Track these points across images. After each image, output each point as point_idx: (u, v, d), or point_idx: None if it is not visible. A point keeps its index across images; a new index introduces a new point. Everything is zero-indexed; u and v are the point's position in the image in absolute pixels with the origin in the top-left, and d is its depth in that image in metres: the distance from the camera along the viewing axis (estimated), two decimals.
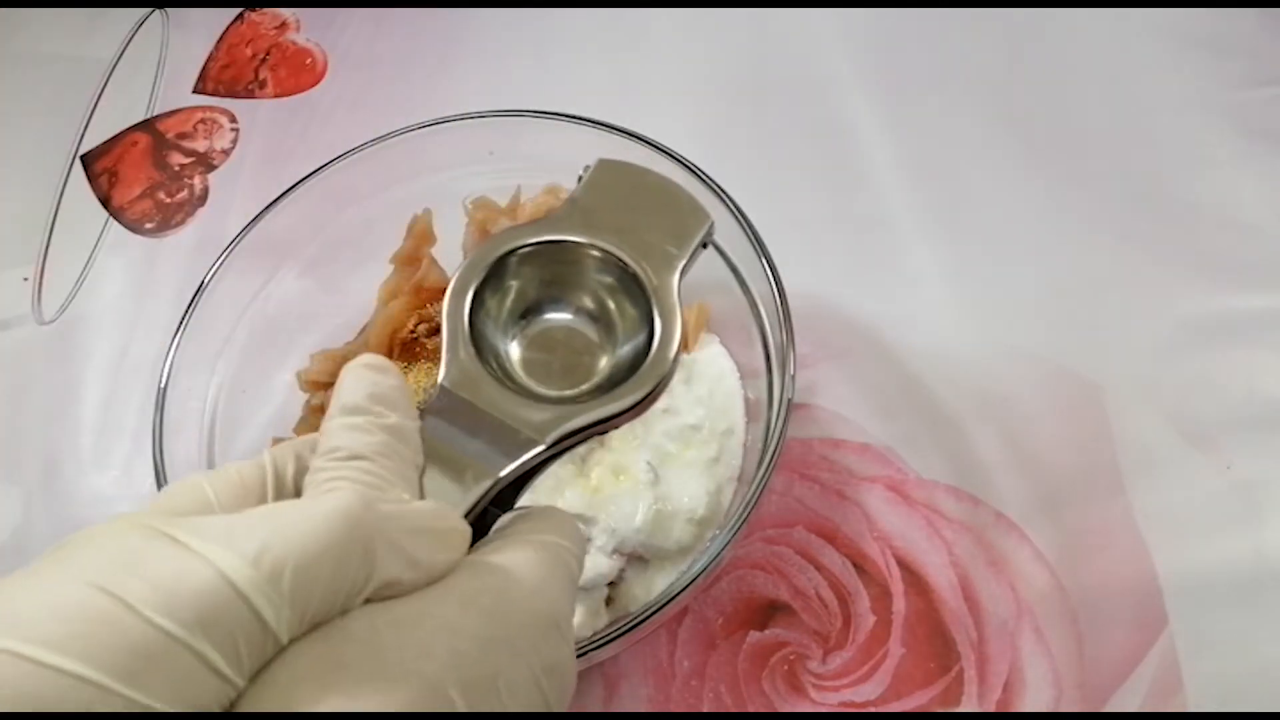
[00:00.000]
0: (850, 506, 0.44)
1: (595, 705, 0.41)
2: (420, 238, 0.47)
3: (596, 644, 0.34)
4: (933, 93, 0.57)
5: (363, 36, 0.66)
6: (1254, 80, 0.54)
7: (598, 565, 0.39)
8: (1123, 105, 0.55)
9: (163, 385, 0.40)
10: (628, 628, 0.34)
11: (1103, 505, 0.42)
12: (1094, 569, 0.41)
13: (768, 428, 0.38)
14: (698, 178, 0.40)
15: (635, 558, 0.41)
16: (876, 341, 0.48)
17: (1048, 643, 0.40)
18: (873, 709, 0.40)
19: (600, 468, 0.41)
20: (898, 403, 0.46)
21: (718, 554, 0.35)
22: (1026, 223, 0.51)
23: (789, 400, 0.37)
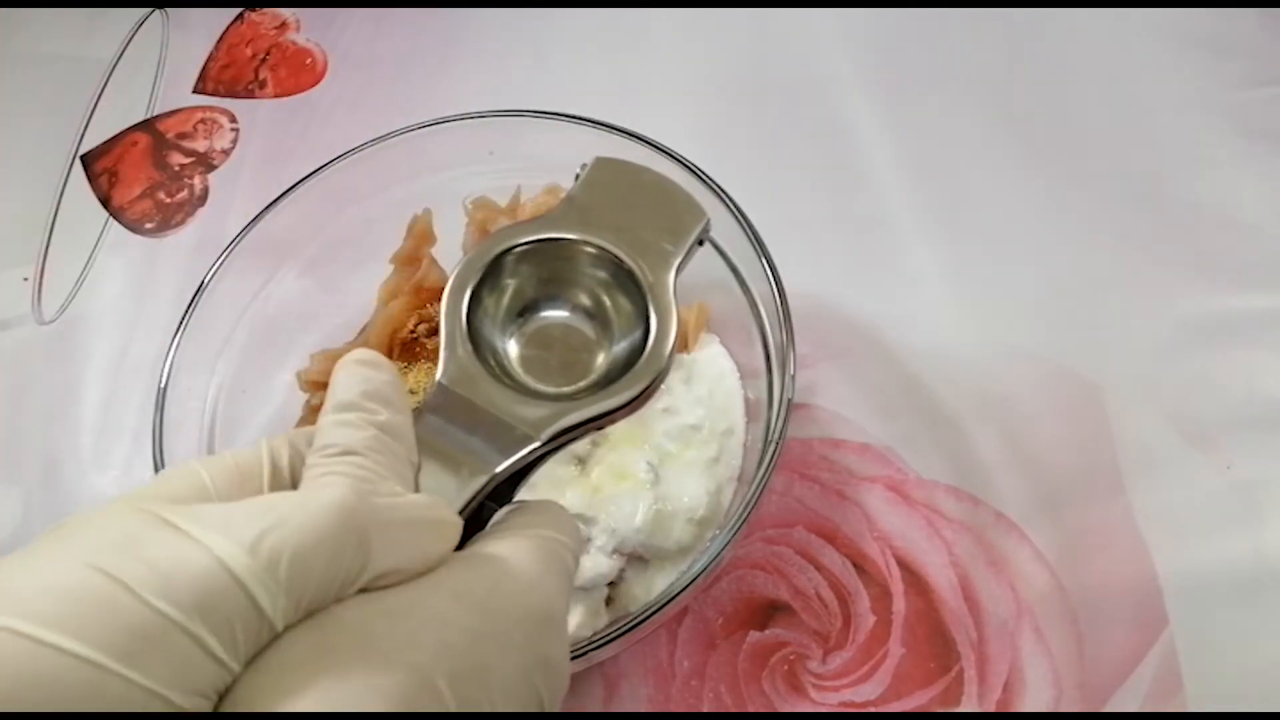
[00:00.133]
0: (850, 506, 0.44)
1: (595, 705, 0.41)
2: (420, 238, 0.47)
3: (596, 644, 0.34)
4: (933, 93, 0.57)
5: (363, 36, 0.66)
6: (1254, 80, 0.54)
7: (598, 565, 0.39)
8: (1123, 105, 0.55)
9: (163, 385, 0.40)
10: (628, 628, 0.34)
11: (1103, 505, 0.42)
12: (1094, 569, 0.41)
13: (768, 428, 0.38)
14: (697, 177, 0.40)
15: (635, 558, 0.41)
16: (876, 341, 0.48)
17: (1048, 643, 0.40)
18: (873, 709, 0.40)
19: (600, 468, 0.41)
20: (898, 403, 0.46)
21: (718, 554, 0.35)
22: (1026, 223, 0.51)
23: (789, 400, 0.37)
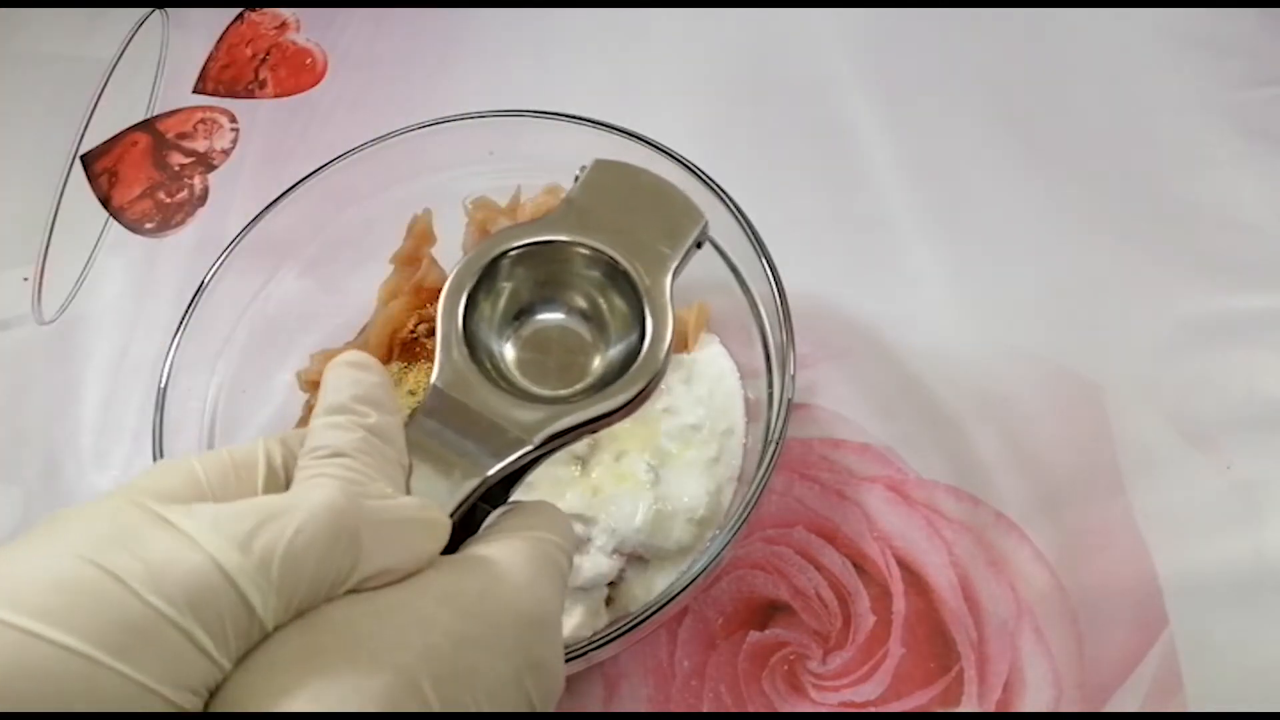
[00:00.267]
0: (850, 506, 0.44)
1: (595, 705, 0.41)
2: (420, 238, 0.47)
3: (596, 644, 0.34)
4: (933, 93, 0.57)
5: (363, 36, 0.66)
6: (1254, 80, 0.54)
7: (598, 565, 0.39)
8: (1123, 105, 0.55)
9: (163, 385, 0.40)
10: (628, 628, 0.34)
11: (1103, 505, 0.42)
12: (1094, 569, 0.41)
13: (768, 428, 0.38)
14: (698, 178, 0.40)
15: (635, 558, 0.41)
16: (876, 341, 0.48)
17: (1048, 643, 0.40)
18: (873, 709, 0.40)
19: (601, 468, 0.41)
20: (898, 403, 0.46)
21: (718, 554, 0.35)
22: (1026, 223, 0.51)
23: (789, 400, 0.37)
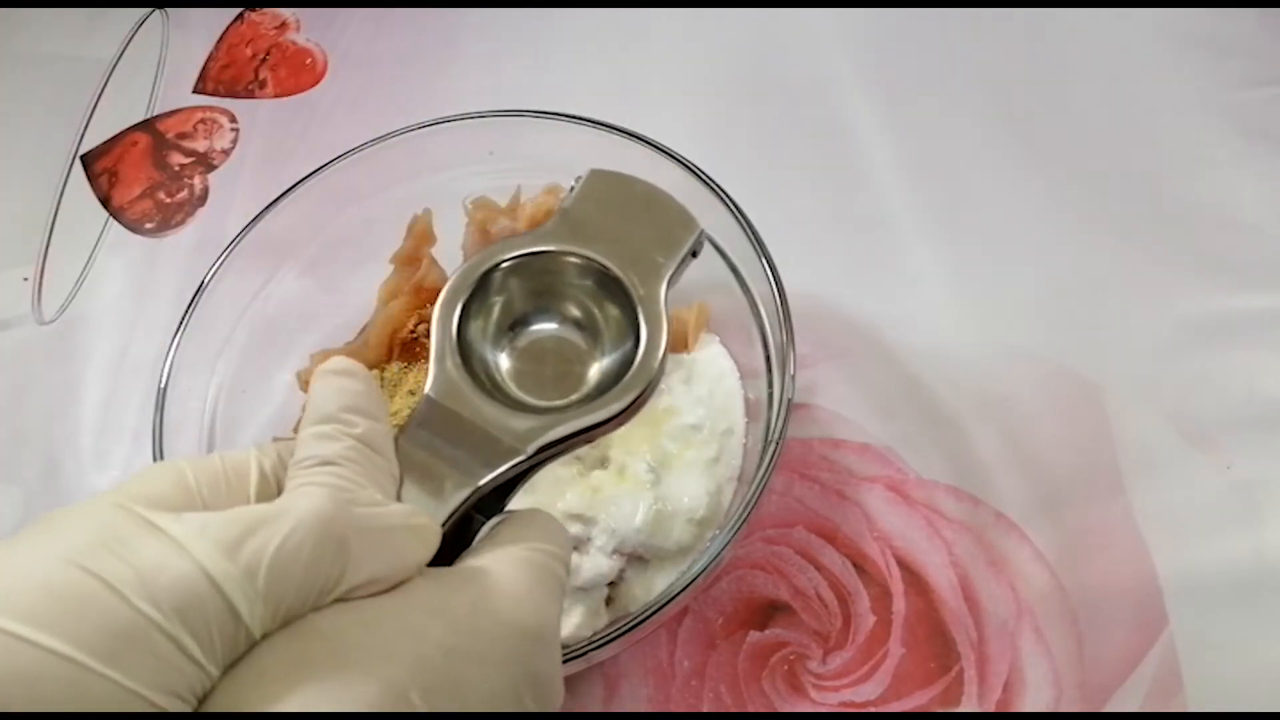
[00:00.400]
0: (850, 506, 0.44)
1: (595, 705, 0.41)
2: (420, 238, 0.47)
3: (596, 644, 0.34)
4: (933, 93, 0.57)
5: (363, 36, 0.66)
6: (1254, 80, 0.54)
7: (598, 565, 0.39)
8: (1123, 105, 0.55)
9: (163, 385, 0.40)
10: (628, 628, 0.34)
11: (1103, 505, 0.42)
12: (1094, 569, 0.41)
13: (768, 428, 0.38)
14: (697, 178, 0.40)
15: (635, 558, 0.41)
16: (876, 341, 0.48)
17: (1048, 643, 0.40)
18: (873, 709, 0.40)
19: (600, 468, 0.41)
20: (898, 403, 0.46)
21: (718, 554, 0.35)
22: (1026, 223, 0.51)
23: (789, 400, 0.37)
